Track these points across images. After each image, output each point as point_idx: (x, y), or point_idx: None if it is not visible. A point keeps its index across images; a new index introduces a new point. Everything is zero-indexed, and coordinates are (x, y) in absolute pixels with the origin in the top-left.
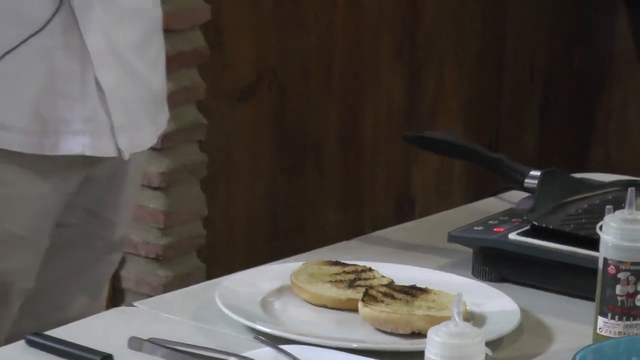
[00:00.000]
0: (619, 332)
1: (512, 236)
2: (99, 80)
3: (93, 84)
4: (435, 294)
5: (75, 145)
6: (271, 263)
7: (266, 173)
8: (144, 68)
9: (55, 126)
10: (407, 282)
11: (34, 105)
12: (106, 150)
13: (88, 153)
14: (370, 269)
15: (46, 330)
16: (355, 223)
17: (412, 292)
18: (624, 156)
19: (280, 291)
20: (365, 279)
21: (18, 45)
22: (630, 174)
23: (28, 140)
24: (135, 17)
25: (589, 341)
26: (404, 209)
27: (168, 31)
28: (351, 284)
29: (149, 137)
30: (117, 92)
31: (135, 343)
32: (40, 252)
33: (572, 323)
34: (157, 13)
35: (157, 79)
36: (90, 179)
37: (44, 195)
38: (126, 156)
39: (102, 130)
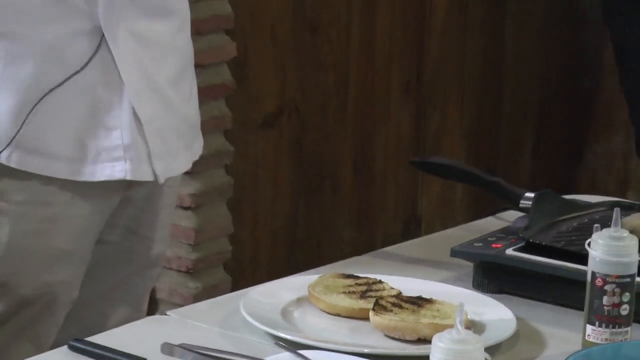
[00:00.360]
0: (606, 339)
1: (509, 252)
2: (137, 111)
3: (131, 114)
4: (439, 304)
5: (117, 171)
6: (291, 276)
7: (287, 195)
8: (179, 100)
9: (97, 154)
10: (414, 293)
11: (77, 135)
12: (143, 175)
13: (128, 178)
14: (380, 282)
15: None
16: (367, 240)
17: (419, 302)
18: (609, 179)
19: (299, 301)
20: (376, 290)
21: (61, 84)
22: (615, 195)
23: (71, 167)
24: (171, 54)
25: (579, 347)
26: (411, 228)
27: (198, 66)
28: (363, 295)
29: (184, 162)
30: (153, 123)
31: (167, 348)
32: (84, 266)
33: (564, 330)
34: (189, 50)
35: (191, 110)
36: (127, 200)
37: (85, 215)
38: (161, 180)
39: (140, 156)
